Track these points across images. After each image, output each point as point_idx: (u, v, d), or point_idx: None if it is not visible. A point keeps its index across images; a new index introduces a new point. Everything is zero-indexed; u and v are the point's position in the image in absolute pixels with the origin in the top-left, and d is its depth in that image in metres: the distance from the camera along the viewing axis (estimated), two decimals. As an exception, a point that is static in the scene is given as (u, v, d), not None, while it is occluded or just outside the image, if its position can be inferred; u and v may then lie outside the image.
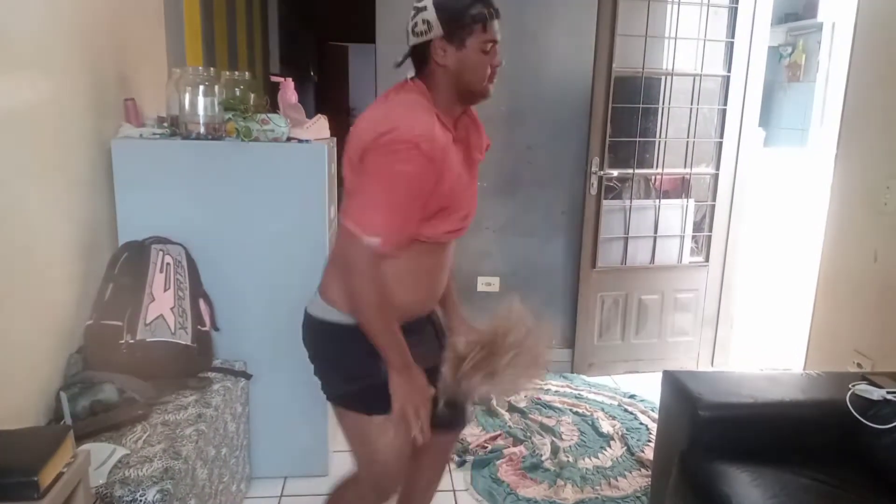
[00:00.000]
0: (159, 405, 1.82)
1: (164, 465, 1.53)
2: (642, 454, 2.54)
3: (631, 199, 3.29)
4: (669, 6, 3.14)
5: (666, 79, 3.22)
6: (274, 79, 2.35)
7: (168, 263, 1.99)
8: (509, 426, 2.73)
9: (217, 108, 2.10)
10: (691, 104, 3.28)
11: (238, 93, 2.23)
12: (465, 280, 3.26)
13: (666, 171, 3.33)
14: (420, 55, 1.42)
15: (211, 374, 2.04)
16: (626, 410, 2.93)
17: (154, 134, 2.11)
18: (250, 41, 4.60)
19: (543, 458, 2.49)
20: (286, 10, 5.84)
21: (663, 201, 3.33)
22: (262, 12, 5.08)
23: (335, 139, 2.39)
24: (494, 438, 2.64)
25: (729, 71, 3.22)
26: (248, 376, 2.18)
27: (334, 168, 2.33)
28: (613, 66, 3.04)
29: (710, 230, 3.38)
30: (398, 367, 1.40)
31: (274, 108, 2.27)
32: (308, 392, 2.27)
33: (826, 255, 2.61)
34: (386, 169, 1.31)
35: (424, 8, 1.37)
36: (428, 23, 1.37)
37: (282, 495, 2.28)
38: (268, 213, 2.12)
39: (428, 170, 1.31)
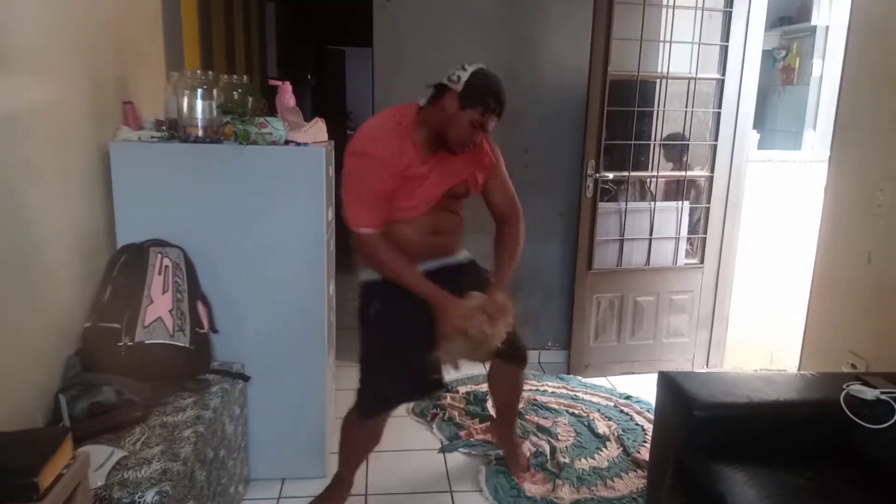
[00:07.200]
0: (158, 407, 1.82)
1: (163, 466, 1.53)
2: (638, 455, 2.55)
3: (626, 201, 3.31)
4: (664, 10, 3.16)
5: (661, 82, 3.24)
6: (272, 82, 2.36)
7: (167, 266, 2.00)
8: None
9: (215, 112, 2.11)
10: (686, 107, 3.30)
11: (236, 96, 2.24)
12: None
13: (661, 173, 3.35)
14: (438, 92, 1.89)
15: (209, 376, 2.05)
16: (621, 411, 2.94)
17: (152, 137, 2.11)
18: (248, 45, 4.61)
19: (545, 458, 2.51)
20: (284, 14, 5.86)
21: (658, 204, 3.34)
22: (259, 16, 5.10)
23: (333, 142, 2.40)
24: (487, 430, 2.68)
25: (723, 74, 3.24)
26: (245, 378, 2.18)
27: (332, 171, 2.34)
28: (609, 69, 3.06)
29: (705, 232, 3.40)
30: (434, 299, 1.88)
31: (272, 111, 2.28)
32: (306, 394, 2.30)
33: (820, 256, 2.63)
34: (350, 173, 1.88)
35: (465, 70, 1.85)
36: (459, 78, 1.84)
37: (280, 497, 2.28)
38: (266, 216, 2.13)
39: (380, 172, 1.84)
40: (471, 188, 2.05)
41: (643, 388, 3.14)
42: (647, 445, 2.55)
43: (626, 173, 3.27)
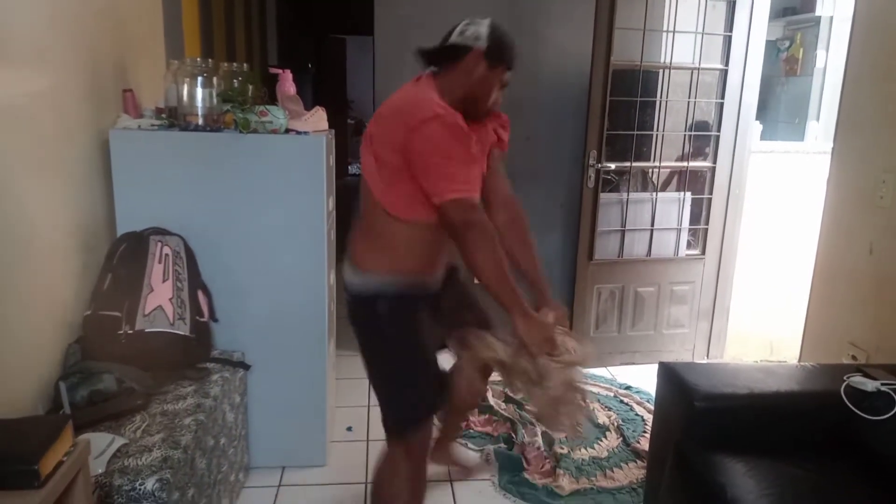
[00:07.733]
0: (158, 395, 1.83)
1: (163, 454, 1.54)
2: (638, 445, 2.56)
3: (628, 191, 3.30)
4: (668, -1, 3.14)
5: (664, 72, 3.22)
6: (272, 70, 2.35)
7: (167, 254, 2.00)
8: (500, 410, 2.78)
9: (215, 100, 2.10)
10: (689, 98, 3.28)
11: (236, 84, 2.23)
12: (463, 273, 3.27)
13: (663, 164, 3.34)
14: (453, 55, 1.63)
15: (209, 365, 2.05)
16: (622, 401, 2.95)
17: (152, 125, 2.11)
18: (248, 33, 4.59)
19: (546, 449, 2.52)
20: (284, 2, 5.83)
21: (660, 194, 3.34)
22: (260, 4, 5.07)
23: (333, 131, 2.39)
24: (488, 422, 2.70)
25: (727, 65, 3.22)
26: (246, 367, 2.19)
27: (332, 160, 2.34)
28: (611, 59, 3.04)
29: (707, 223, 3.40)
30: (521, 312, 1.55)
31: (272, 99, 2.27)
32: (305, 382, 2.31)
33: (822, 248, 2.62)
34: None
35: (480, 25, 1.62)
36: (479, 35, 1.60)
37: (280, 485, 2.29)
38: (266, 205, 2.13)
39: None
40: (495, 158, 1.83)
41: (643, 378, 3.14)
42: (647, 436, 2.55)
43: (628, 163, 3.25)
